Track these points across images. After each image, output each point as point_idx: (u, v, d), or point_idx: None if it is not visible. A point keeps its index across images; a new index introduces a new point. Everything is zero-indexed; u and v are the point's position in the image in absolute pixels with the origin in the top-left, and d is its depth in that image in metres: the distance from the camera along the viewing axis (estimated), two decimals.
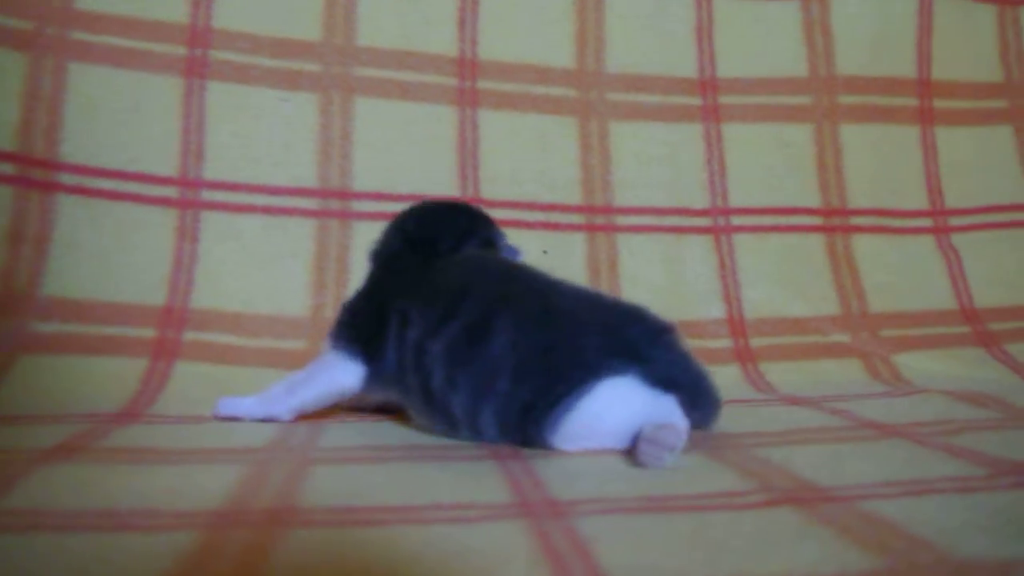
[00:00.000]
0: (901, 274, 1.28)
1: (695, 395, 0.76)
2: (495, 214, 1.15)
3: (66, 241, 1.04)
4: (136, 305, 1.04)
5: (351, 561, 0.47)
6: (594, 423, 0.71)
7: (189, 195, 1.09)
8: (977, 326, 1.24)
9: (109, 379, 0.97)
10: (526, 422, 0.72)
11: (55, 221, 1.04)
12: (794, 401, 1.01)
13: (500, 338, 0.71)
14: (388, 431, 0.85)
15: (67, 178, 1.05)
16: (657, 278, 1.20)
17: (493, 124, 1.20)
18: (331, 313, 1.09)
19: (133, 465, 0.68)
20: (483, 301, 0.74)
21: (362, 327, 0.84)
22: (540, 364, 0.71)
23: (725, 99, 1.29)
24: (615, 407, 0.71)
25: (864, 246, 1.29)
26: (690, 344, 1.13)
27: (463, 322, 0.73)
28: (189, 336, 1.04)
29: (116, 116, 1.08)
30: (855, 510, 0.56)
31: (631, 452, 0.71)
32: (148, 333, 1.03)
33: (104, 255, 1.05)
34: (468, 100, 1.20)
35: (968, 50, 1.39)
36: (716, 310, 1.20)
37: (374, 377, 0.84)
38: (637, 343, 0.73)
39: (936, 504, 0.58)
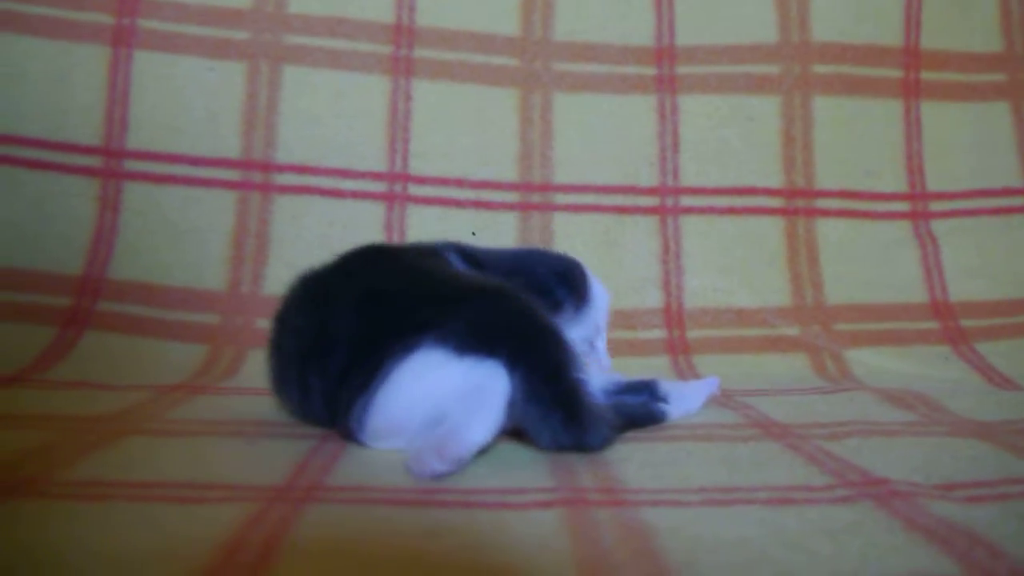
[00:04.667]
0: (868, 263, 1.16)
1: (528, 351, 0.62)
2: (423, 191, 1.12)
3: None
4: (52, 274, 1.05)
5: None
6: (396, 418, 0.62)
7: (112, 165, 1.09)
8: (948, 322, 1.11)
9: (10, 345, 0.97)
10: (335, 420, 0.66)
11: None
12: None
13: (288, 329, 0.71)
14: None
15: None
16: (592, 261, 1.11)
17: (427, 95, 1.15)
18: (248, 288, 1.08)
19: None
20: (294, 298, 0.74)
21: None
22: (322, 352, 0.65)
23: (683, 69, 1.19)
24: (413, 394, 0.61)
25: (828, 231, 1.17)
26: (620, 336, 1.08)
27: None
28: (103, 306, 1.04)
29: (41, 86, 1.08)
30: (623, 517, 0.51)
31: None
32: (61, 302, 1.03)
33: (24, 224, 1.06)
34: (402, 69, 1.15)
35: (964, 17, 1.24)
36: (652, 299, 1.11)
37: None
38: (430, 307, 0.63)
39: (720, 515, 0.52)
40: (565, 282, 0.86)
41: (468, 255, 0.84)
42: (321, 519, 0.50)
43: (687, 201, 1.17)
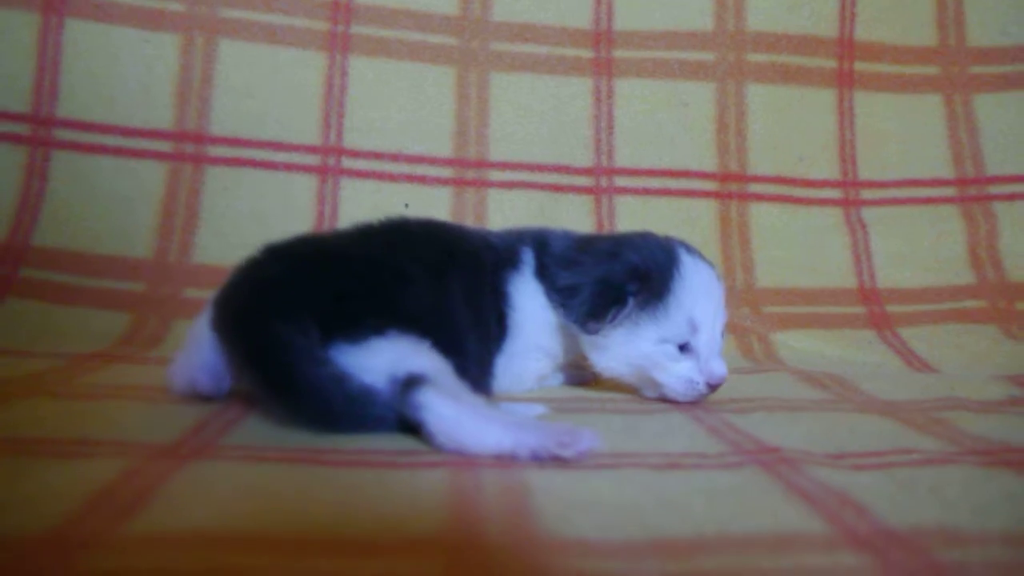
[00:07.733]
0: (799, 248, 1.17)
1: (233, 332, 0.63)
2: (357, 164, 1.12)
3: None
4: None
5: None
6: None
7: (41, 133, 1.07)
8: (874, 307, 1.13)
9: None
10: None
11: None
12: None
13: None
14: None
15: None
16: None
17: (364, 71, 1.15)
18: (175, 258, 1.07)
19: None
20: None
21: None
22: None
23: (620, 53, 1.20)
24: None
25: (761, 216, 1.18)
26: None
27: None
28: (25, 273, 1.02)
29: None
30: (506, 477, 0.52)
31: None
32: None
33: None
34: (339, 45, 1.14)
35: (899, 9, 1.25)
36: None
37: None
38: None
39: (604, 478, 0.53)
40: (638, 273, 0.75)
41: (543, 248, 0.79)
42: (202, 475, 0.50)
43: (621, 182, 1.17)
